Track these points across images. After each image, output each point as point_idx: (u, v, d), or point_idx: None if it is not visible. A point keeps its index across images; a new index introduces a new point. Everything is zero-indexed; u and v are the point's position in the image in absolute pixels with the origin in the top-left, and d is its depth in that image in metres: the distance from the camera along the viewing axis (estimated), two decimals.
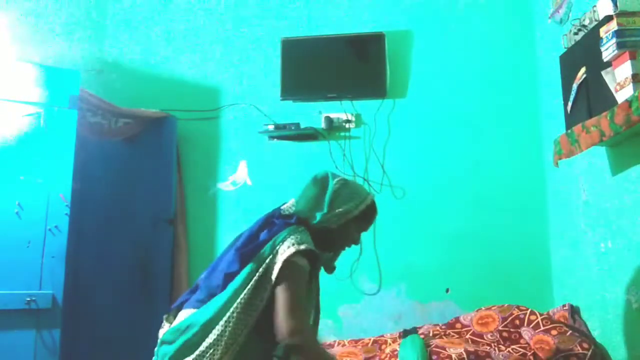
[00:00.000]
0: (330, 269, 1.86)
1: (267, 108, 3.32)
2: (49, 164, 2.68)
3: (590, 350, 2.20)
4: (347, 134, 3.25)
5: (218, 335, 1.52)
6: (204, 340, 1.53)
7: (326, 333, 2.95)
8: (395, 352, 2.39)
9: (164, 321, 1.76)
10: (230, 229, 3.25)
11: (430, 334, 2.61)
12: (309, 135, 3.22)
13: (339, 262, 1.92)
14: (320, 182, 1.77)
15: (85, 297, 2.97)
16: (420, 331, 2.71)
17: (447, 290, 3.03)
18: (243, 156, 3.33)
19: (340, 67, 3.27)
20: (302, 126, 3.19)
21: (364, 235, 3.15)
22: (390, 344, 2.60)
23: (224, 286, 1.61)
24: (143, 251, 3.14)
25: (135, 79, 3.45)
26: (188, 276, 3.21)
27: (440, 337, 2.55)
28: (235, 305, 1.54)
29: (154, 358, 1.65)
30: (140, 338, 3.00)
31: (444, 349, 2.28)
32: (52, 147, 2.69)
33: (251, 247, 1.63)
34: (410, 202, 3.14)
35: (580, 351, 2.20)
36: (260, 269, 1.58)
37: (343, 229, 1.76)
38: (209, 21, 3.49)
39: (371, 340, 2.71)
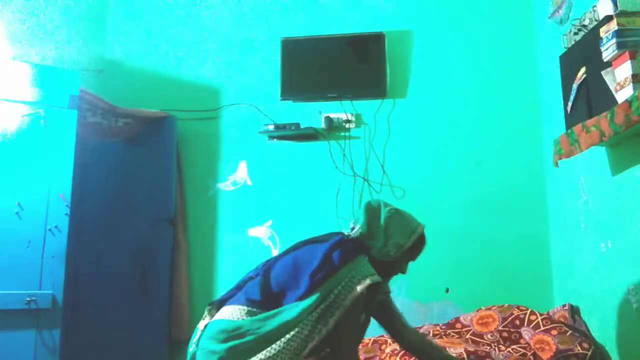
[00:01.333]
0: (384, 295, 1.96)
1: (267, 108, 3.32)
2: (49, 164, 2.67)
3: (590, 350, 2.20)
4: (347, 134, 3.24)
5: (276, 352, 1.54)
6: (259, 352, 1.54)
7: None
8: (396, 352, 2.39)
9: (206, 312, 1.76)
10: (230, 229, 3.25)
11: (430, 334, 2.61)
12: (309, 135, 3.22)
13: None
14: (372, 210, 1.81)
15: (85, 297, 2.96)
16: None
17: (447, 290, 3.03)
18: (243, 156, 3.33)
19: (340, 67, 3.27)
20: (302, 126, 3.18)
21: None
22: (390, 344, 2.60)
23: (282, 297, 1.64)
24: (143, 251, 3.14)
25: (135, 79, 3.45)
26: (188, 276, 3.21)
27: (440, 337, 2.55)
28: (298, 328, 1.56)
29: (190, 348, 1.67)
30: (140, 338, 3.02)
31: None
32: (52, 147, 2.69)
33: (324, 273, 1.63)
34: (410, 202, 3.14)
35: (580, 351, 2.20)
36: (331, 296, 1.60)
37: (397, 261, 1.82)
38: (209, 21, 3.49)
39: (371, 340, 2.71)
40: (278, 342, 1.54)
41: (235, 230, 3.24)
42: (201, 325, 1.70)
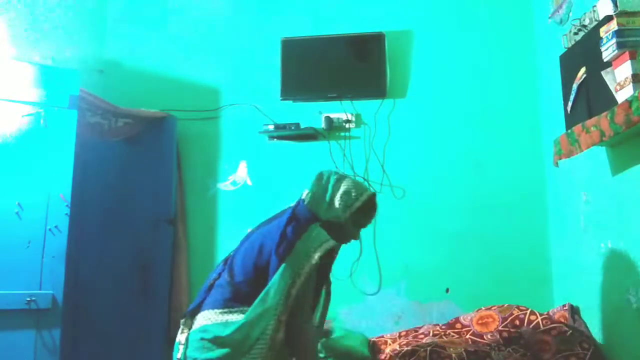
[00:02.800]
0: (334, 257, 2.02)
1: (267, 108, 3.32)
2: (49, 164, 2.67)
3: (590, 350, 2.20)
4: (347, 134, 3.25)
5: (261, 332, 1.66)
6: (249, 338, 1.66)
7: None
8: (396, 352, 2.39)
9: (182, 326, 1.81)
10: (230, 229, 3.25)
11: (430, 334, 2.61)
12: (309, 135, 3.22)
13: (339, 264, 1.95)
14: (323, 179, 1.89)
15: (85, 297, 2.97)
16: (420, 331, 2.71)
17: (447, 290, 3.03)
18: (243, 156, 3.33)
19: (340, 67, 3.27)
20: (302, 126, 3.19)
21: (364, 235, 3.15)
22: (390, 344, 2.60)
23: (256, 281, 1.74)
24: (143, 251, 3.14)
25: (135, 79, 3.45)
26: (188, 276, 3.21)
27: (440, 337, 2.55)
28: (277, 306, 1.69)
29: None
30: (140, 338, 3.02)
31: (444, 349, 2.28)
32: (52, 147, 2.69)
33: (283, 247, 1.76)
34: (410, 202, 3.14)
35: (580, 351, 2.20)
36: (295, 268, 1.73)
37: (346, 223, 1.87)
38: (209, 21, 3.49)
39: (371, 341, 2.71)
40: (265, 322, 1.68)
41: (235, 230, 3.24)
42: (182, 339, 1.73)
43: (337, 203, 1.85)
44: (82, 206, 2.86)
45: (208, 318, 1.70)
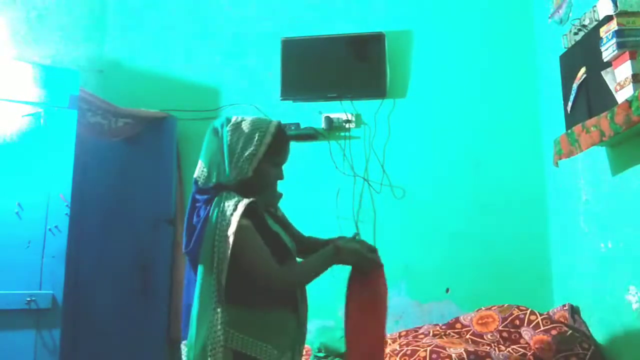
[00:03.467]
0: (277, 200, 1.80)
1: (267, 108, 3.31)
2: (49, 164, 2.67)
3: (590, 350, 2.20)
4: (347, 134, 3.25)
5: (211, 336, 1.47)
6: (205, 344, 1.47)
7: None
8: (396, 352, 2.39)
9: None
10: None
11: (430, 334, 2.61)
12: (309, 135, 3.22)
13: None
14: (217, 131, 1.65)
15: (85, 297, 2.96)
16: (420, 331, 2.71)
17: (447, 290, 3.03)
18: None
19: (340, 67, 3.27)
20: (302, 126, 3.19)
21: (364, 235, 3.14)
22: (390, 344, 2.60)
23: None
24: (143, 251, 3.14)
25: (135, 79, 3.45)
26: None
27: (440, 337, 2.55)
28: (213, 304, 1.48)
29: None
30: (140, 338, 3.02)
31: (444, 349, 2.28)
32: (52, 147, 2.68)
33: (194, 243, 1.53)
34: (410, 202, 3.14)
35: (580, 351, 2.20)
36: (215, 258, 1.49)
37: (260, 173, 1.61)
38: (209, 21, 3.49)
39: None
40: (205, 331, 1.46)
41: None
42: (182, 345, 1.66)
43: (240, 159, 1.58)
44: (82, 206, 2.86)
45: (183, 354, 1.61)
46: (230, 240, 1.47)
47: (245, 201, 1.52)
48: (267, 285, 1.55)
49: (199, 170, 1.66)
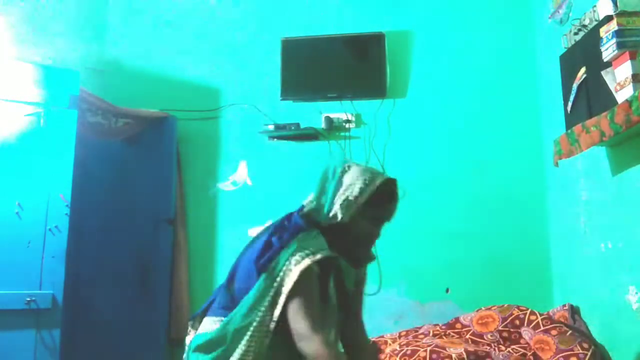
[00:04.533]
0: (367, 261, 1.72)
1: (267, 108, 3.31)
2: (49, 164, 2.67)
3: (590, 350, 2.20)
4: (347, 134, 3.24)
5: (245, 348, 1.46)
6: (234, 352, 1.47)
7: None
8: (396, 352, 2.39)
9: (190, 327, 1.71)
10: (230, 229, 3.25)
11: (430, 334, 2.61)
12: (309, 135, 3.22)
13: None
14: (328, 173, 1.59)
15: (85, 297, 2.96)
16: (420, 331, 2.71)
17: (447, 290, 3.03)
18: (243, 156, 3.33)
19: (340, 67, 3.27)
20: (302, 126, 3.19)
21: None
22: (390, 344, 2.60)
23: (246, 292, 1.54)
24: (143, 251, 3.14)
25: (135, 79, 3.45)
26: (188, 276, 3.21)
27: (440, 337, 2.55)
28: (252, 320, 1.47)
29: None
30: (140, 338, 3.02)
31: (444, 349, 2.28)
32: (52, 147, 2.69)
33: (266, 258, 1.51)
34: (410, 202, 3.11)
35: (580, 351, 2.20)
36: (275, 284, 1.47)
37: (355, 221, 1.55)
38: (209, 21, 3.49)
39: (371, 341, 2.71)
40: (246, 336, 1.46)
41: (235, 230, 3.24)
42: (187, 340, 1.66)
43: (338, 204, 1.52)
44: (82, 206, 2.86)
45: (209, 325, 1.61)
46: (288, 287, 1.45)
47: (325, 253, 1.48)
48: (304, 350, 1.45)
49: (309, 199, 1.61)
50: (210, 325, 1.61)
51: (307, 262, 1.45)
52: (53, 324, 2.56)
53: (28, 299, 2.51)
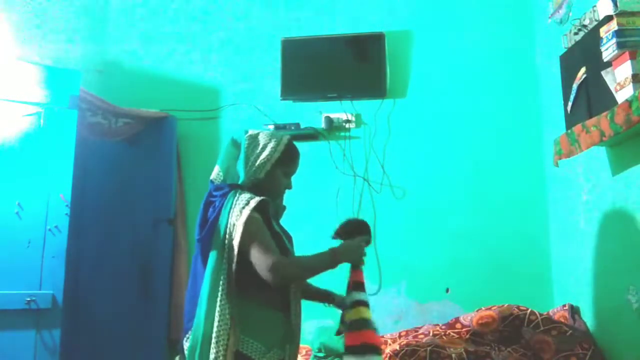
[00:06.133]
0: (281, 211, 1.92)
1: (267, 108, 3.32)
2: (49, 164, 2.67)
3: (590, 350, 2.20)
4: (347, 134, 3.24)
5: (219, 323, 1.59)
6: (212, 331, 1.59)
7: None
8: (396, 352, 2.39)
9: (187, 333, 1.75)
10: None
11: (430, 334, 2.61)
12: (309, 135, 3.22)
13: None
14: (235, 142, 1.83)
15: (85, 297, 2.97)
16: (420, 331, 2.71)
17: (447, 290, 3.03)
18: None
19: (340, 67, 3.27)
20: (302, 126, 3.19)
21: None
22: (390, 344, 2.61)
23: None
24: (143, 251, 3.13)
25: (135, 79, 3.45)
26: (188, 276, 3.20)
27: (440, 337, 2.55)
28: (220, 292, 1.61)
29: None
30: (140, 338, 3.02)
31: (444, 349, 2.28)
32: (52, 147, 2.69)
33: (206, 231, 1.70)
34: (410, 202, 3.15)
35: (580, 351, 2.20)
36: (225, 246, 1.65)
37: (271, 178, 1.80)
38: (209, 21, 3.49)
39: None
40: (217, 310, 1.60)
41: None
42: (185, 346, 1.71)
43: (254, 164, 1.77)
44: (82, 206, 2.86)
45: (185, 346, 1.70)
46: (240, 230, 1.62)
47: (258, 198, 1.68)
48: (269, 276, 1.62)
49: (216, 173, 1.84)
50: (186, 344, 1.69)
51: (246, 212, 1.64)
52: (53, 324, 2.56)
53: (28, 299, 2.51)
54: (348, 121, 3.23)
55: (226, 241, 1.65)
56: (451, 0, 3.30)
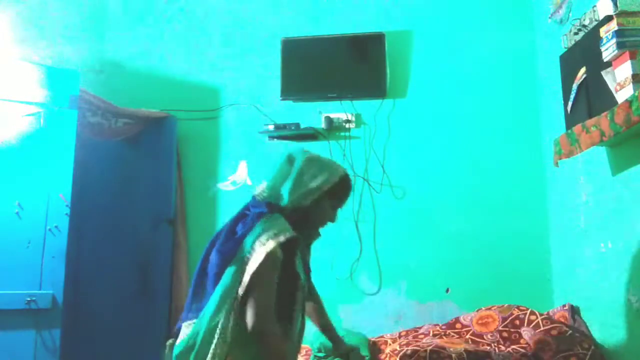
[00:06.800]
0: (315, 238, 1.85)
1: (267, 108, 3.32)
2: (49, 164, 2.67)
3: (590, 350, 2.20)
4: (347, 134, 3.25)
5: (218, 339, 1.55)
6: (210, 346, 1.55)
7: None
8: (396, 352, 2.39)
9: (170, 345, 1.73)
10: None
11: (430, 334, 2.61)
12: (309, 135, 3.22)
13: (339, 263, 1.89)
14: (290, 159, 1.74)
15: (85, 297, 2.97)
16: (420, 331, 2.71)
17: (447, 290, 3.03)
18: (243, 156, 3.33)
19: (340, 67, 3.27)
20: (302, 126, 3.19)
21: (364, 235, 3.14)
22: (390, 344, 2.61)
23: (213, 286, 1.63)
24: (143, 251, 3.14)
25: (135, 79, 3.45)
26: (188, 276, 3.20)
27: (440, 337, 2.55)
28: (226, 309, 1.56)
29: None
30: (139, 338, 3.02)
31: (444, 349, 2.28)
32: (52, 147, 2.69)
33: (230, 245, 1.62)
34: (410, 202, 3.15)
35: (580, 351, 2.20)
36: (241, 269, 1.58)
37: (317, 206, 1.71)
38: (209, 21, 3.49)
39: (371, 341, 2.71)
40: (218, 329, 1.55)
41: None
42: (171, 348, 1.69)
43: (303, 188, 1.67)
44: (82, 206, 2.86)
45: (183, 332, 1.66)
46: (258, 259, 1.55)
47: (290, 235, 1.60)
48: (250, 331, 1.58)
49: (261, 189, 1.75)
50: (186, 329, 1.65)
51: (272, 243, 1.56)
52: (53, 324, 2.56)
53: (28, 299, 2.51)
54: (348, 121, 3.23)
55: (245, 262, 1.58)
56: (451, 1, 3.30)
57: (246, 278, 1.56)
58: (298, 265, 1.68)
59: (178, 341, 1.65)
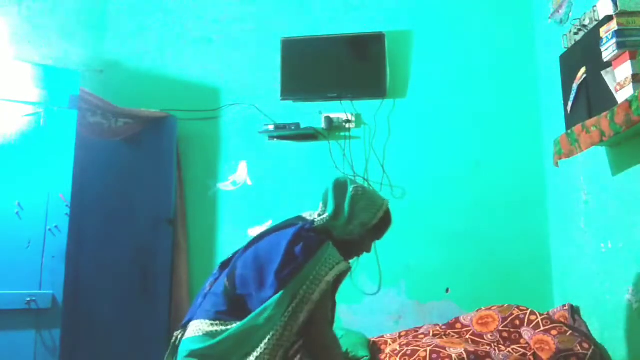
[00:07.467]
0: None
1: (267, 108, 3.32)
2: (49, 164, 2.67)
3: (590, 350, 2.20)
4: (347, 134, 3.24)
5: (251, 348, 1.55)
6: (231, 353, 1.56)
7: None
8: (396, 352, 2.39)
9: (178, 335, 1.74)
10: (230, 229, 3.25)
11: (430, 334, 2.61)
12: (309, 135, 3.22)
13: None
14: (341, 187, 1.78)
15: (85, 297, 2.97)
16: (420, 331, 2.71)
17: (447, 290, 3.03)
18: (243, 156, 3.33)
19: (340, 67, 3.27)
20: (302, 126, 3.19)
21: None
22: (390, 344, 2.60)
23: (248, 299, 1.62)
24: (143, 251, 3.14)
25: (135, 79, 3.45)
26: (188, 276, 3.21)
27: (440, 337, 2.55)
28: (272, 332, 1.56)
29: None
30: (140, 338, 3.02)
31: (444, 349, 2.28)
32: (52, 147, 2.69)
33: (290, 271, 1.61)
34: (410, 202, 3.14)
35: (580, 351, 2.20)
36: (300, 292, 1.60)
37: (360, 240, 1.79)
38: (209, 21, 3.49)
39: (371, 341, 2.71)
40: (255, 350, 1.54)
41: (235, 230, 3.24)
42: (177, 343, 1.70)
43: (355, 225, 1.74)
44: (82, 206, 2.86)
45: (198, 329, 1.63)
46: (323, 287, 1.62)
47: (344, 266, 1.68)
48: (315, 340, 1.66)
49: (319, 216, 1.77)
50: (205, 327, 1.61)
51: (334, 273, 1.63)
52: (53, 324, 2.56)
53: (28, 299, 2.51)
54: (348, 121, 3.23)
55: (303, 289, 1.60)
56: (451, 1, 3.30)
57: (308, 307, 1.60)
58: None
59: (191, 334, 1.64)
